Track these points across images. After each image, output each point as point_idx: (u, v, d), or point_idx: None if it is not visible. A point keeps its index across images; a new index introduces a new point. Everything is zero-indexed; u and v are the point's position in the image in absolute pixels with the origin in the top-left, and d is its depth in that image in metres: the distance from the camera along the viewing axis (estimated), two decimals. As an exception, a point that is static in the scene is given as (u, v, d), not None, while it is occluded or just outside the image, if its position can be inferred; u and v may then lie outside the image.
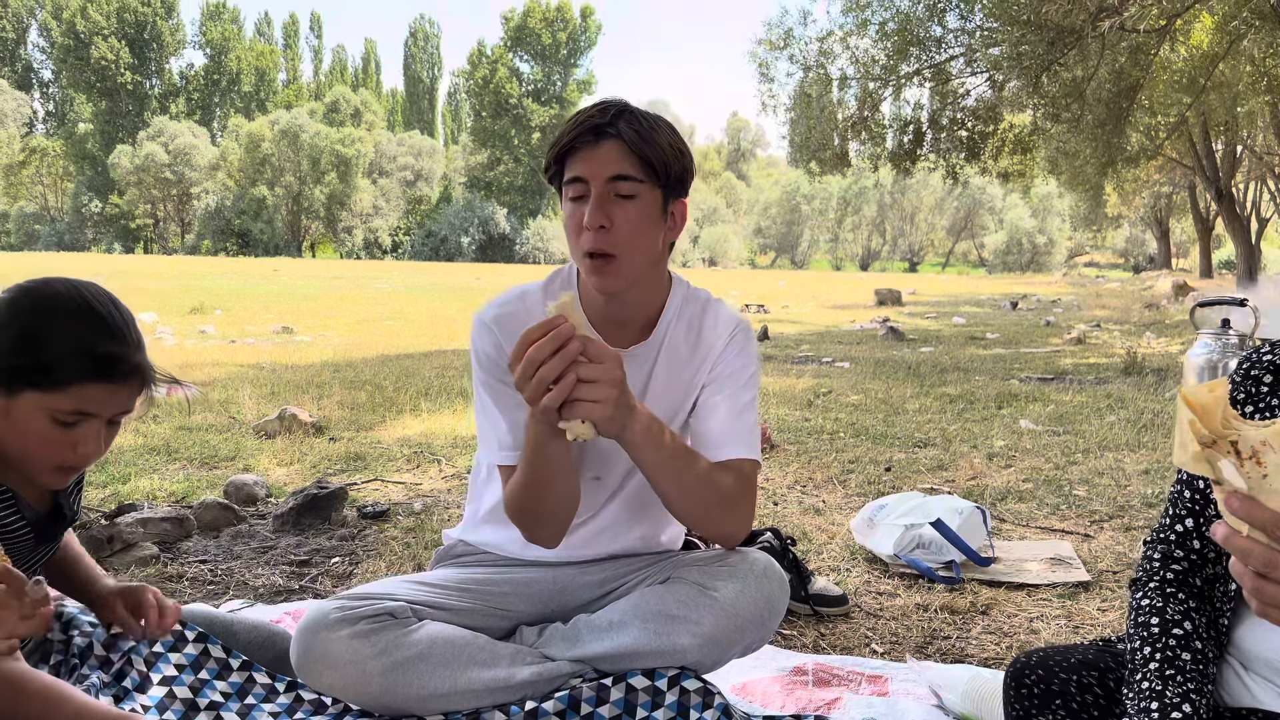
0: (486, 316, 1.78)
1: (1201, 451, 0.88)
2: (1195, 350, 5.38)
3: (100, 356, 1.39)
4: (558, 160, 1.66)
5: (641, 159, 1.61)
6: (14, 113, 69.34)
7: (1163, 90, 16.64)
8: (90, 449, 1.43)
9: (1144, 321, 14.57)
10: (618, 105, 1.66)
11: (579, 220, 1.63)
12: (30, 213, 66.67)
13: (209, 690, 1.75)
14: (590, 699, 1.71)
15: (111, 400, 1.42)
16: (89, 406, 1.40)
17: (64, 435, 1.40)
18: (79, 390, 1.38)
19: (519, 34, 69.88)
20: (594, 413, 1.43)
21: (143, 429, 5.07)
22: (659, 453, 1.59)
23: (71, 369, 1.38)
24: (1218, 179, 25.46)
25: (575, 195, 1.64)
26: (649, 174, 1.63)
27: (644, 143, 1.61)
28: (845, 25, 15.91)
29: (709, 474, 1.68)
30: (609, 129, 1.61)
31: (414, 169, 71.53)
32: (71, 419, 1.40)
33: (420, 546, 3.18)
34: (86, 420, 1.41)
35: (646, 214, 1.65)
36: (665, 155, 1.64)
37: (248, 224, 64.85)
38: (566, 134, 1.63)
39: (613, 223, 1.62)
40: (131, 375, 1.44)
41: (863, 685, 2.12)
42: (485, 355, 1.77)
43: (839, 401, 6.40)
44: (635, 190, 1.63)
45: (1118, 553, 3.12)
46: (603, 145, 1.61)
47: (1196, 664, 1.30)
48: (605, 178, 1.61)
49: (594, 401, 1.43)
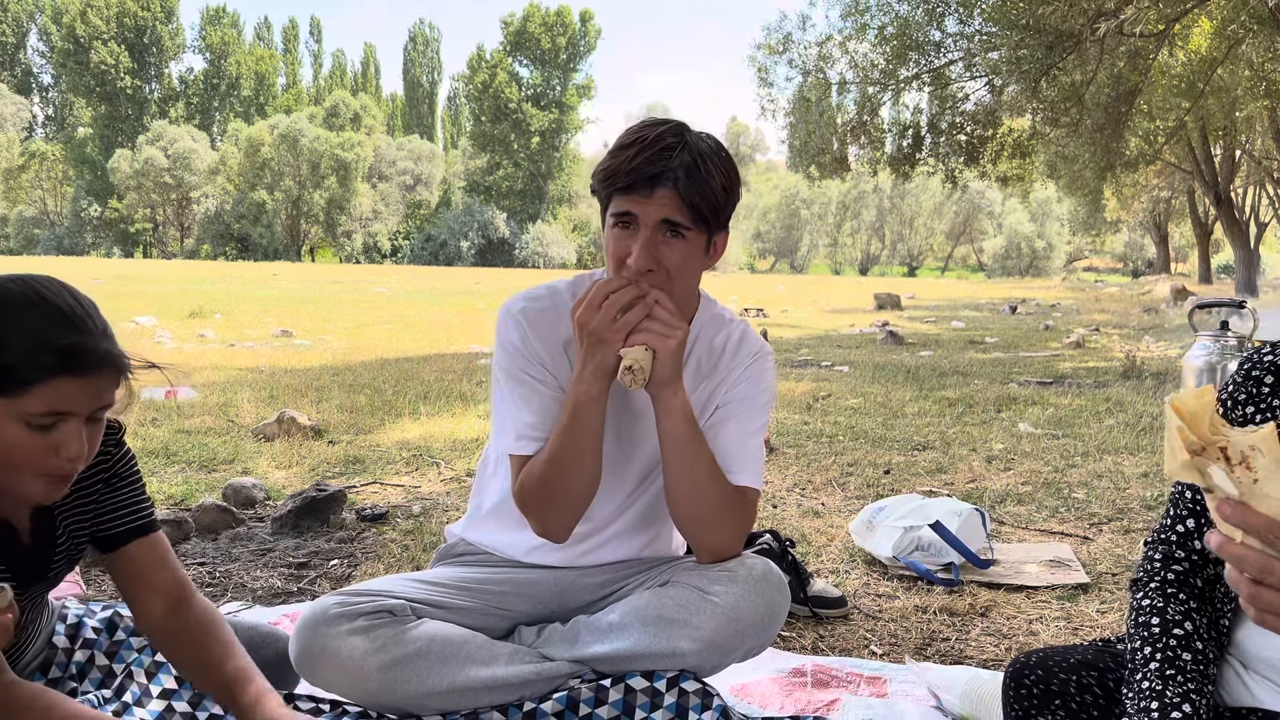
0: (515, 309, 1.79)
1: (1191, 460, 0.87)
2: (1194, 353, 5.38)
3: (62, 349, 1.29)
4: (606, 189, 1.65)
5: (694, 210, 1.61)
6: (13, 117, 69.43)
7: (1161, 95, 16.68)
8: (74, 451, 1.33)
9: (1143, 326, 14.58)
10: (676, 139, 1.61)
11: (624, 254, 1.63)
12: (29, 217, 66.70)
13: (208, 702, 1.74)
14: (589, 700, 1.71)
15: (84, 394, 1.32)
16: (62, 404, 1.30)
17: (43, 440, 1.31)
18: (47, 388, 1.28)
19: (519, 38, 69.91)
20: (658, 342, 1.55)
21: (141, 432, 5.06)
22: (686, 428, 1.66)
23: (34, 367, 1.27)
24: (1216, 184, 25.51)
25: (623, 225, 1.64)
26: (698, 221, 1.63)
27: (698, 194, 1.60)
28: (844, 30, 15.96)
29: (718, 470, 1.72)
30: (667, 176, 1.58)
31: (413, 173, 71.56)
32: (47, 420, 1.30)
33: (419, 549, 3.18)
34: (64, 420, 1.32)
35: (693, 253, 1.66)
36: (718, 202, 1.64)
37: (247, 228, 64.86)
38: (623, 174, 1.60)
39: (660, 264, 1.63)
40: (101, 365, 1.33)
41: (861, 687, 2.12)
42: (512, 345, 1.77)
43: (838, 405, 6.40)
44: (684, 233, 1.63)
45: (1116, 555, 3.12)
46: (658, 192, 1.59)
47: (1197, 664, 1.30)
48: (656, 220, 1.61)
49: (662, 333, 1.55)
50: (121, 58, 69.70)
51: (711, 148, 1.65)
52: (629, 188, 1.60)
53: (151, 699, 1.72)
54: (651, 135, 1.61)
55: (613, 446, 1.80)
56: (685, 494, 1.71)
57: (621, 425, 1.81)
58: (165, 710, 1.71)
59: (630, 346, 1.56)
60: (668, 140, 1.60)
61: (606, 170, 1.63)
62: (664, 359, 1.57)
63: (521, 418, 1.74)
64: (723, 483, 1.72)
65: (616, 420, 1.80)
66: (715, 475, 1.71)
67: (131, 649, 1.75)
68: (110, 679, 1.72)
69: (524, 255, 64.30)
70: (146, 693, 1.72)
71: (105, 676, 1.72)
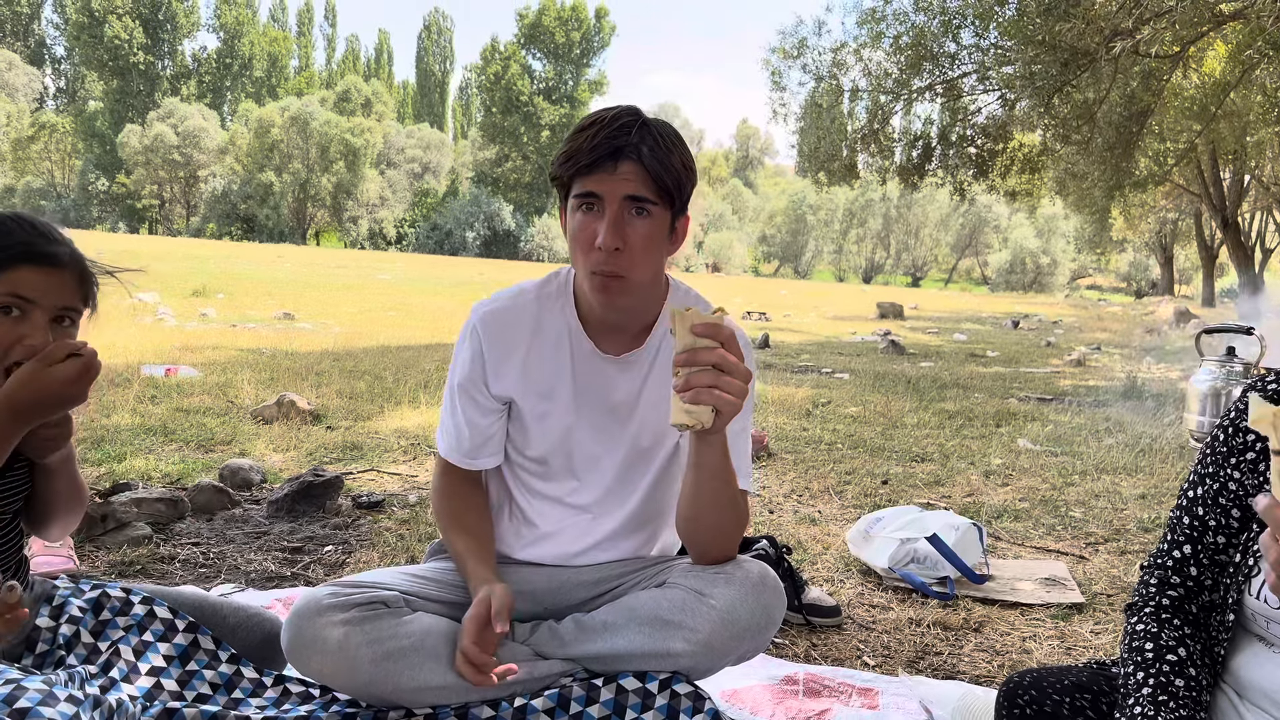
0: (475, 317, 1.81)
1: (1274, 418, 1.00)
2: (1199, 377, 5.36)
3: (25, 241, 1.44)
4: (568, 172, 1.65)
5: (657, 182, 1.62)
6: (25, 88, 69.40)
7: (1173, 116, 16.66)
8: (37, 340, 1.44)
9: (1145, 346, 14.56)
10: (633, 117, 1.64)
11: (590, 236, 1.62)
12: (37, 188, 66.51)
13: (197, 682, 1.73)
14: (580, 698, 1.70)
15: (48, 286, 1.45)
16: (23, 290, 1.43)
17: (7, 329, 1.43)
18: (10, 276, 1.42)
19: (533, 31, 69.89)
20: (728, 407, 1.51)
21: (140, 409, 5.06)
22: (724, 460, 1.64)
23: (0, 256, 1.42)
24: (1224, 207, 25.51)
25: (586, 207, 1.63)
26: (662, 196, 1.64)
27: (661, 166, 1.61)
28: (860, 37, 15.94)
29: (737, 492, 1.71)
30: (629, 151, 1.60)
31: (422, 161, 71.54)
32: (8, 302, 1.43)
33: (414, 539, 3.17)
34: (28, 309, 1.44)
35: (657, 233, 1.66)
36: (680, 178, 1.65)
37: (254, 209, 64.80)
38: (585, 151, 1.61)
39: (626, 243, 1.62)
40: (63, 261, 1.47)
41: (853, 697, 2.11)
42: (463, 360, 1.81)
43: (837, 412, 6.40)
44: (648, 208, 1.63)
45: (1112, 576, 3.11)
46: (621, 166, 1.60)
47: (1189, 691, 1.30)
48: (621, 197, 1.61)
49: (732, 397, 1.49)
50: (135, 33, 69.64)
51: (666, 127, 1.67)
52: (592, 165, 1.60)
53: (140, 675, 1.71)
54: (609, 116, 1.63)
55: (603, 448, 1.81)
56: (711, 519, 1.72)
57: (607, 425, 1.81)
58: (154, 687, 1.70)
59: (698, 404, 1.50)
60: (625, 119, 1.62)
61: (567, 153, 1.63)
62: (727, 416, 1.54)
63: (449, 431, 1.85)
64: (739, 500, 1.72)
65: (601, 421, 1.80)
66: (735, 498, 1.71)
67: (118, 628, 1.74)
68: (95, 655, 1.71)
69: (529, 248, 64.25)
70: (134, 669, 1.72)
71: (90, 653, 1.71)
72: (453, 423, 1.83)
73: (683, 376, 1.50)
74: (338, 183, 65.03)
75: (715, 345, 1.49)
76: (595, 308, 1.74)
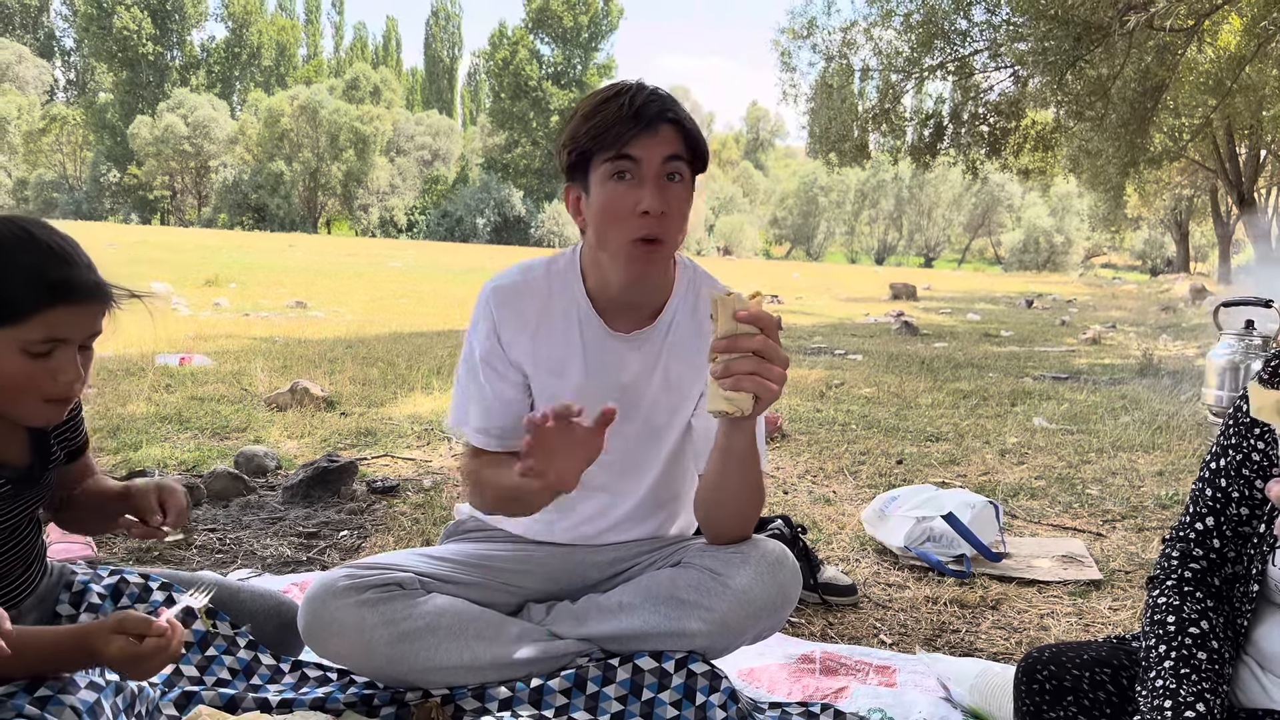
0: (487, 291, 1.79)
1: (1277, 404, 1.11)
2: (1217, 351, 5.31)
3: (56, 280, 1.41)
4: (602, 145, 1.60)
5: (691, 143, 1.62)
6: (35, 80, 69.49)
7: (1188, 91, 16.49)
8: (70, 376, 1.44)
9: (1160, 324, 14.47)
10: (649, 87, 1.64)
11: (630, 203, 1.59)
12: (49, 180, 66.71)
13: (216, 667, 1.74)
14: (596, 678, 1.70)
15: (79, 321, 1.44)
16: (59, 332, 1.41)
17: (41, 367, 1.42)
18: (44, 317, 1.39)
19: (540, 16, 69.58)
20: (769, 394, 1.50)
21: (155, 398, 5.08)
22: (752, 446, 1.64)
23: (32, 297, 1.39)
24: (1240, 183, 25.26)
25: (619, 176, 1.60)
26: (695, 159, 1.64)
27: (694, 127, 1.62)
28: (869, 16, 15.82)
29: (760, 477, 1.71)
30: (664, 113, 1.60)
31: (431, 148, 71.45)
32: (44, 348, 1.41)
33: (429, 523, 3.18)
34: (60, 347, 1.43)
35: (690, 198, 1.66)
36: (703, 143, 1.66)
37: (264, 198, 64.88)
38: (622, 119, 1.57)
39: (669, 205, 1.61)
40: (93, 294, 1.46)
41: (870, 675, 2.10)
42: (479, 333, 1.79)
43: (851, 393, 6.38)
44: (682, 172, 1.63)
45: (1130, 552, 3.09)
46: (661, 129, 1.59)
47: (1212, 663, 1.29)
48: (661, 159, 1.59)
49: (773, 385, 1.48)
50: (144, 24, 69.65)
51: None
52: (632, 131, 1.57)
53: None
54: (629, 87, 1.63)
55: (614, 427, 1.79)
56: (735, 501, 1.72)
57: (618, 403, 1.79)
58: (173, 674, 1.71)
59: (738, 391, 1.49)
60: (647, 89, 1.63)
61: (595, 127, 1.59)
62: (766, 403, 1.53)
63: (471, 411, 1.79)
64: (761, 483, 1.72)
65: (612, 399, 1.77)
66: (759, 482, 1.71)
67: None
68: None
69: (540, 234, 64.16)
70: None
71: None
72: (481, 405, 1.78)
73: (722, 363, 1.48)
74: (348, 171, 65.03)
75: (756, 332, 1.48)
76: (623, 282, 1.71)
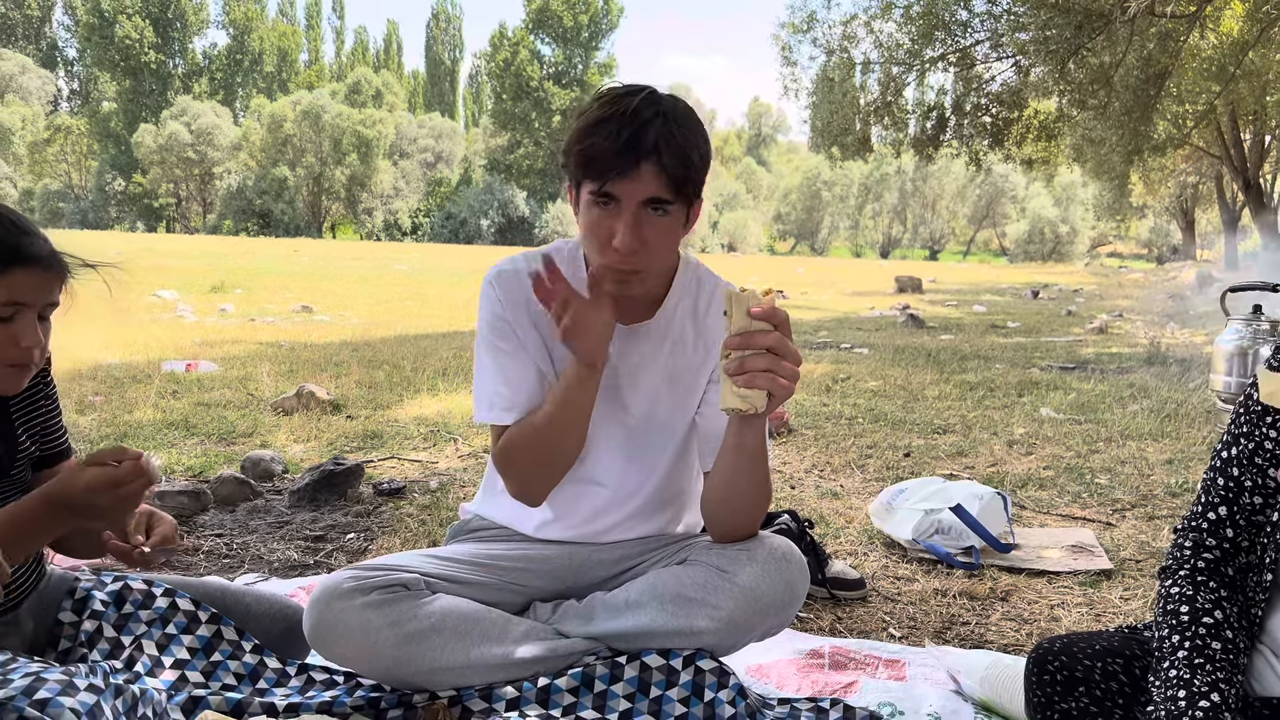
0: (491, 276, 1.79)
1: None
2: (1225, 336, 5.27)
3: (15, 245, 1.46)
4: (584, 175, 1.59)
5: (676, 184, 1.57)
6: (39, 90, 69.73)
7: (1191, 78, 16.40)
8: (31, 340, 1.48)
9: (1167, 312, 14.40)
10: (651, 109, 1.56)
11: (607, 233, 1.58)
12: (54, 190, 66.96)
13: (221, 673, 1.73)
14: (604, 677, 1.69)
15: (40, 287, 1.48)
16: (19, 295, 1.45)
17: (3, 331, 1.46)
18: (5, 280, 1.44)
19: (540, 16, 69.52)
20: (783, 391, 1.50)
21: (161, 404, 5.08)
22: (764, 441, 1.64)
23: None
24: (1245, 169, 25.15)
25: (602, 202, 1.58)
26: (680, 195, 1.59)
27: (681, 165, 1.56)
28: (870, 9, 15.79)
29: (768, 474, 1.71)
30: (649, 154, 1.53)
31: (434, 151, 71.52)
32: (7, 311, 1.45)
33: (435, 524, 3.17)
34: (20, 312, 1.47)
35: (674, 226, 1.63)
36: (699, 174, 1.60)
37: (269, 204, 65.00)
38: (602, 153, 1.54)
39: (644, 243, 1.59)
40: (50, 261, 1.50)
41: (880, 669, 2.09)
42: (489, 314, 1.76)
43: (857, 387, 6.36)
44: (667, 209, 1.60)
45: (1140, 541, 3.08)
46: (641, 168, 1.54)
47: (1226, 653, 1.27)
48: (640, 200, 1.57)
49: (787, 382, 1.49)
50: (146, 32, 69.83)
51: (685, 114, 1.61)
52: (614, 171, 1.54)
53: (164, 669, 1.71)
54: (626, 108, 1.55)
55: (612, 417, 1.78)
56: (744, 499, 1.71)
57: (616, 394, 1.79)
58: (179, 680, 1.70)
59: (752, 389, 1.49)
60: (645, 114, 1.55)
61: (583, 152, 1.56)
62: (779, 400, 1.52)
63: (499, 389, 1.74)
64: (769, 479, 1.71)
65: (609, 389, 1.77)
66: (768, 478, 1.70)
67: (140, 622, 1.74)
68: (119, 650, 1.71)
69: (544, 234, 64.13)
70: (158, 664, 1.71)
71: (114, 648, 1.71)
72: (505, 383, 1.74)
73: (735, 360, 1.48)
74: (351, 175, 65.13)
75: (770, 328, 1.47)
76: None
